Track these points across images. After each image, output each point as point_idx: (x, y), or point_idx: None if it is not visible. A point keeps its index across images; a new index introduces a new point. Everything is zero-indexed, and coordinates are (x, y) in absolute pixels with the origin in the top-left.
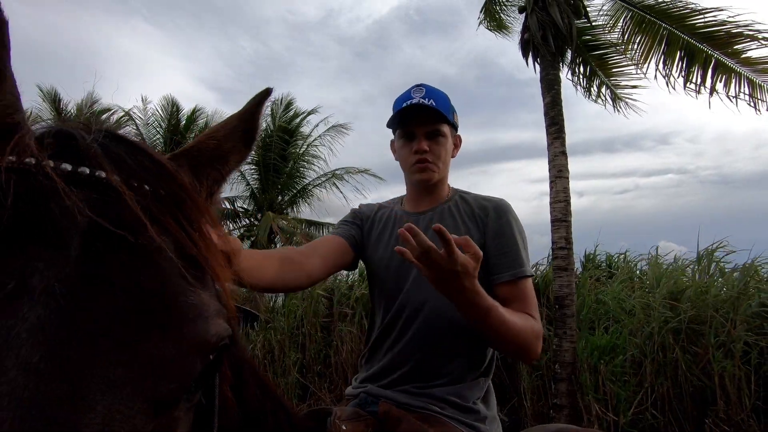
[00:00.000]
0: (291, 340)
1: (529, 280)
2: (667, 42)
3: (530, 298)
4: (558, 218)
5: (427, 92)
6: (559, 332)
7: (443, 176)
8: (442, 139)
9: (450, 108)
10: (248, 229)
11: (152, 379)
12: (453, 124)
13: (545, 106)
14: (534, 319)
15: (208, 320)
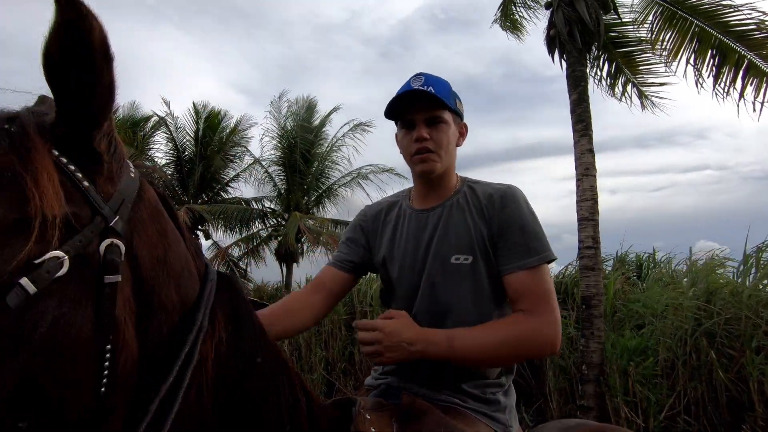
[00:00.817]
0: (316, 338)
1: (538, 269)
2: (698, 40)
3: (534, 292)
4: (585, 217)
5: (426, 80)
6: (586, 333)
7: (448, 166)
8: (444, 126)
9: (451, 94)
10: (276, 229)
11: None
12: (456, 111)
13: (571, 103)
14: (535, 314)
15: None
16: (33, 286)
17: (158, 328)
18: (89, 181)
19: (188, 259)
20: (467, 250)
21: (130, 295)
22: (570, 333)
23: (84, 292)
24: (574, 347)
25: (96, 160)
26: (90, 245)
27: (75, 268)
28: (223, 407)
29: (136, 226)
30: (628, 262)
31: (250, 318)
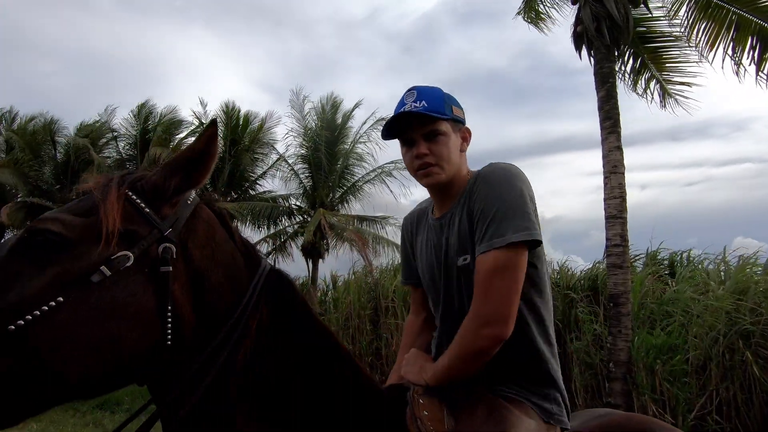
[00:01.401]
0: (344, 332)
1: (487, 255)
2: (736, 27)
3: (479, 280)
4: (613, 215)
5: (418, 95)
6: (614, 330)
7: (453, 173)
8: (442, 138)
9: (445, 103)
10: (302, 226)
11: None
12: (453, 119)
13: (599, 100)
14: (471, 310)
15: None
16: (108, 271)
17: (213, 303)
18: (151, 208)
19: (235, 254)
20: (465, 250)
21: (186, 280)
22: (596, 330)
23: (146, 277)
24: (600, 344)
25: (161, 196)
26: (150, 248)
27: (139, 262)
28: (271, 370)
29: (190, 233)
30: (660, 260)
31: (293, 302)
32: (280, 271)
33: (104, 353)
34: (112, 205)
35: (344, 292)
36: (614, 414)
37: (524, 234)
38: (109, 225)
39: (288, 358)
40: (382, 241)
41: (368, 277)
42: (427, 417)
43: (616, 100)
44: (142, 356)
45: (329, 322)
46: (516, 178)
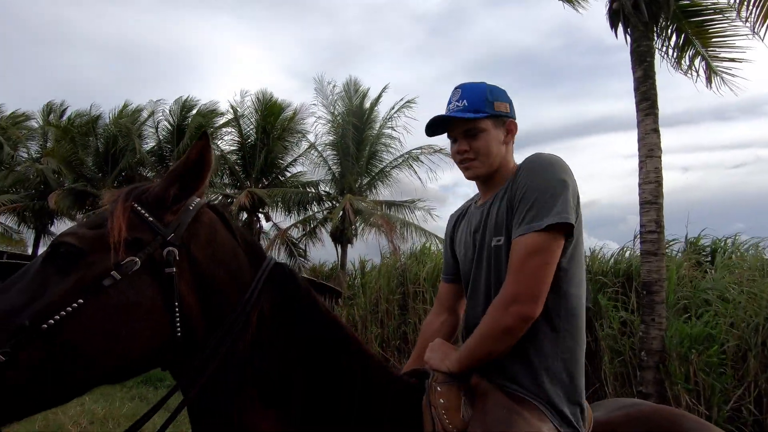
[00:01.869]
0: (372, 316)
1: (523, 238)
2: None
3: (512, 261)
4: (648, 200)
5: (461, 93)
6: (647, 319)
7: (495, 165)
8: (482, 135)
9: (485, 101)
10: (330, 212)
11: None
12: (496, 115)
13: (635, 80)
14: (502, 288)
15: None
16: (118, 275)
17: (218, 299)
18: (154, 217)
19: (237, 253)
20: (500, 232)
21: (191, 279)
22: (622, 317)
23: (154, 278)
24: (630, 332)
25: (163, 205)
26: (155, 252)
27: (145, 265)
28: (273, 362)
29: (192, 236)
30: (701, 246)
31: (296, 295)
32: (284, 266)
33: (123, 345)
34: (118, 217)
35: (373, 277)
36: (642, 405)
37: (558, 218)
38: (116, 235)
39: (289, 351)
40: (410, 227)
41: (397, 263)
42: (442, 405)
43: (654, 80)
44: (157, 347)
45: (358, 307)
46: (560, 168)
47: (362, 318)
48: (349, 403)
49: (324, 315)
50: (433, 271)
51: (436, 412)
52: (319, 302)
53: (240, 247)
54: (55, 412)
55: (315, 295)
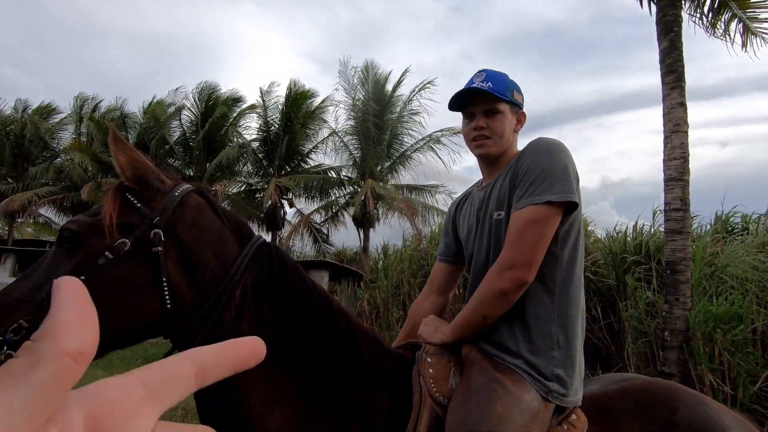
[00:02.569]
0: (393, 299)
1: (523, 211)
2: None
3: (510, 231)
4: (673, 177)
5: (486, 77)
6: (670, 298)
7: (504, 149)
8: (500, 116)
9: (507, 88)
10: (352, 196)
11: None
12: (513, 102)
13: (661, 52)
14: (500, 256)
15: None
16: (111, 255)
17: (204, 275)
18: (142, 203)
19: (224, 233)
20: (501, 206)
21: (177, 256)
22: (648, 297)
23: (143, 257)
24: (655, 312)
25: (149, 195)
26: (143, 234)
27: (135, 246)
28: (262, 329)
29: (177, 219)
30: (733, 224)
31: (282, 271)
32: (270, 245)
33: (122, 315)
34: (110, 205)
35: (395, 261)
36: (636, 378)
37: (562, 195)
38: (108, 220)
39: (274, 321)
40: (432, 210)
41: (419, 246)
42: (431, 375)
43: (681, 51)
44: (152, 317)
45: (380, 290)
46: (562, 151)
47: (384, 300)
48: (338, 372)
49: (310, 289)
50: None
51: (425, 381)
52: (305, 277)
53: (227, 228)
54: None
55: (301, 271)
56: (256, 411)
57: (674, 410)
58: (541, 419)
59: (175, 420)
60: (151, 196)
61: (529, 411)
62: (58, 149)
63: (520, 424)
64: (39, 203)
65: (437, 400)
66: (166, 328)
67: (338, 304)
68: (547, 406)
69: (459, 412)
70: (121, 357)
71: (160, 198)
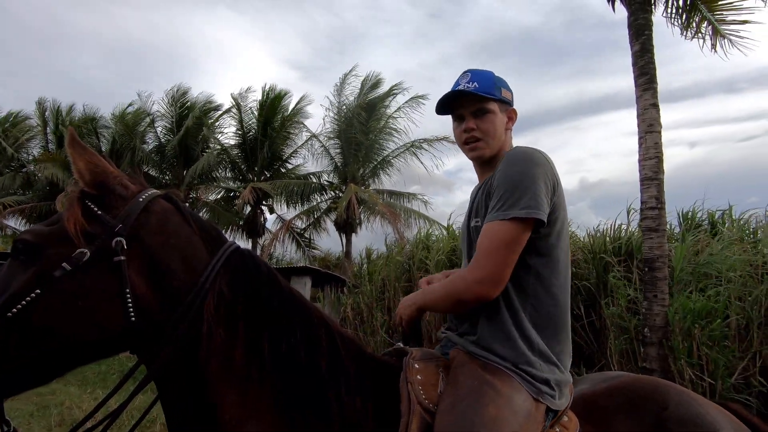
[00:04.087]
0: (377, 303)
1: (493, 225)
2: None
3: (480, 244)
4: (648, 176)
5: (471, 77)
6: (649, 295)
7: (496, 149)
8: (490, 116)
9: (494, 86)
10: (334, 201)
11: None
12: (502, 100)
13: (633, 55)
14: (470, 267)
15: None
16: (69, 267)
17: (171, 283)
18: (103, 211)
19: (192, 239)
20: (478, 213)
21: (142, 265)
22: (629, 295)
23: (105, 267)
24: (635, 309)
25: (111, 202)
26: (104, 243)
27: (96, 256)
28: (239, 335)
29: (142, 226)
30: (698, 221)
31: (258, 277)
32: (244, 251)
33: (82, 330)
34: (70, 213)
35: (379, 266)
36: (623, 376)
37: (526, 212)
38: (70, 229)
39: (251, 329)
40: (413, 214)
41: (402, 250)
42: (419, 381)
43: (652, 54)
44: (115, 331)
45: (363, 295)
46: (533, 162)
47: (368, 305)
48: (317, 380)
49: (287, 296)
50: (438, 257)
51: (413, 388)
52: (281, 284)
53: (196, 234)
54: (71, 407)
55: (278, 278)
56: (231, 424)
57: (663, 406)
58: (534, 420)
59: None
60: (113, 202)
61: (521, 412)
62: (26, 159)
63: (515, 425)
64: (5, 213)
65: (426, 407)
66: (131, 342)
67: (318, 311)
68: (538, 407)
69: (448, 416)
70: (96, 372)
71: (123, 204)
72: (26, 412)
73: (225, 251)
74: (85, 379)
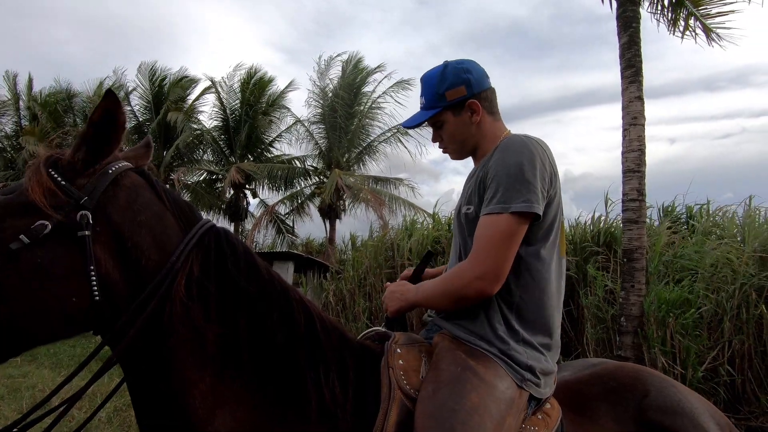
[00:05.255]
0: (359, 290)
1: (491, 218)
2: None
3: (476, 239)
4: (630, 169)
5: (422, 89)
6: (626, 285)
7: (470, 146)
8: (446, 126)
9: (436, 94)
10: (318, 187)
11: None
12: (452, 104)
13: (621, 47)
14: (465, 262)
15: None
16: (27, 239)
17: (139, 261)
18: (67, 181)
19: (164, 216)
20: (471, 201)
21: (108, 241)
22: (607, 285)
23: (68, 242)
24: (612, 299)
25: (77, 171)
26: (68, 215)
27: (57, 229)
28: (212, 318)
29: (109, 200)
30: (677, 214)
31: (233, 257)
32: (219, 231)
33: (41, 307)
34: (36, 180)
35: (362, 252)
36: (606, 363)
37: (524, 206)
38: (36, 196)
39: (224, 310)
40: (398, 201)
41: (386, 237)
42: (401, 366)
43: (639, 47)
44: (77, 309)
45: (345, 281)
46: (531, 152)
47: (350, 292)
48: (294, 366)
49: (264, 278)
50: (419, 244)
51: (394, 373)
52: (259, 265)
53: (168, 211)
54: (43, 390)
55: (255, 259)
56: (200, 413)
57: (645, 393)
58: (516, 408)
59: (131, 424)
60: (76, 173)
61: (504, 400)
62: None
63: (496, 414)
64: None
65: (407, 393)
66: (94, 322)
67: (297, 294)
68: (521, 395)
69: (429, 403)
70: (71, 355)
71: (87, 176)
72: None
73: (199, 229)
74: (59, 362)
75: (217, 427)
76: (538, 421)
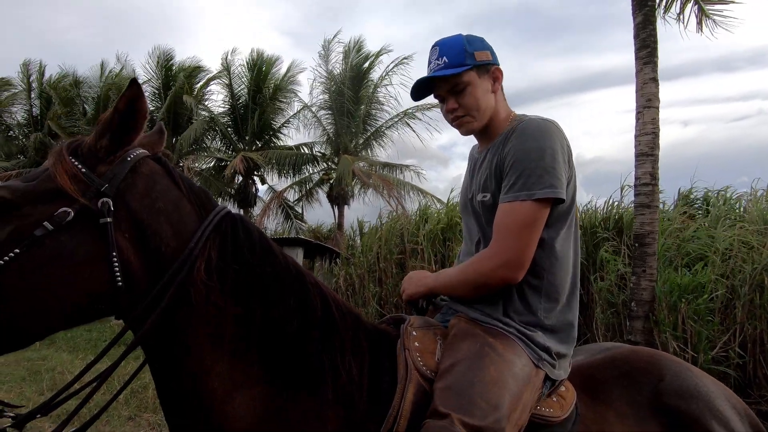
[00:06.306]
0: (370, 275)
1: (513, 205)
2: None
3: (497, 226)
4: (643, 152)
5: (439, 51)
6: (638, 270)
7: (486, 118)
8: (468, 89)
9: (464, 53)
10: (326, 172)
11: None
12: (479, 65)
13: (635, 27)
14: (487, 249)
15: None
16: (51, 226)
17: (158, 248)
18: (88, 169)
19: (181, 203)
20: (487, 188)
21: (129, 228)
22: (619, 270)
23: (90, 228)
24: (623, 284)
25: (99, 159)
26: (90, 203)
27: (79, 216)
28: (229, 302)
29: (128, 187)
30: (693, 199)
31: (249, 243)
32: (236, 217)
33: (64, 294)
34: (57, 168)
35: (371, 238)
36: (621, 347)
37: (550, 191)
38: (63, 182)
39: (242, 296)
40: (407, 186)
41: (397, 222)
42: (417, 348)
43: (654, 26)
44: (99, 294)
45: (356, 267)
46: (551, 136)
47: (360, 277)
48: (311, 348)
49: (281, 262)
50: (433, 230)
51: (410, 355)
52: (274, 250)
53: (185, 198)
54: (62, 372)
55: (270, 243)
56: (218, 394)
57: (660, 377)
58: (533, 385)
59: (148, 405)
60: (97, 160)
61: (522, 376)
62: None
63: (514, 388)
64: None
65: (424, 374)
66: (116, 308)
67: (312, 278)
68: (538, 373)
69: (449, 376)
70: (88, 339)
71: (108, 163)
72: (18, 376)
73: (215, 216)
74: (76, 345)
75: (236, 406)
76: (553, 404)
